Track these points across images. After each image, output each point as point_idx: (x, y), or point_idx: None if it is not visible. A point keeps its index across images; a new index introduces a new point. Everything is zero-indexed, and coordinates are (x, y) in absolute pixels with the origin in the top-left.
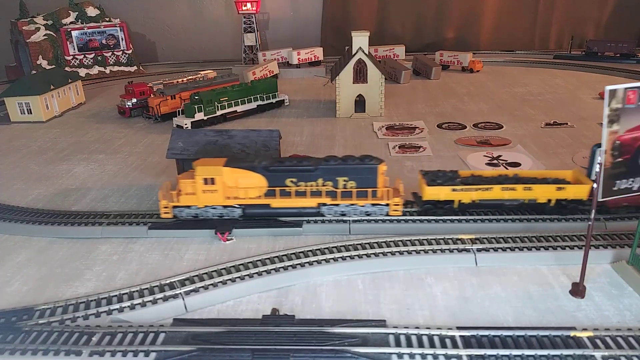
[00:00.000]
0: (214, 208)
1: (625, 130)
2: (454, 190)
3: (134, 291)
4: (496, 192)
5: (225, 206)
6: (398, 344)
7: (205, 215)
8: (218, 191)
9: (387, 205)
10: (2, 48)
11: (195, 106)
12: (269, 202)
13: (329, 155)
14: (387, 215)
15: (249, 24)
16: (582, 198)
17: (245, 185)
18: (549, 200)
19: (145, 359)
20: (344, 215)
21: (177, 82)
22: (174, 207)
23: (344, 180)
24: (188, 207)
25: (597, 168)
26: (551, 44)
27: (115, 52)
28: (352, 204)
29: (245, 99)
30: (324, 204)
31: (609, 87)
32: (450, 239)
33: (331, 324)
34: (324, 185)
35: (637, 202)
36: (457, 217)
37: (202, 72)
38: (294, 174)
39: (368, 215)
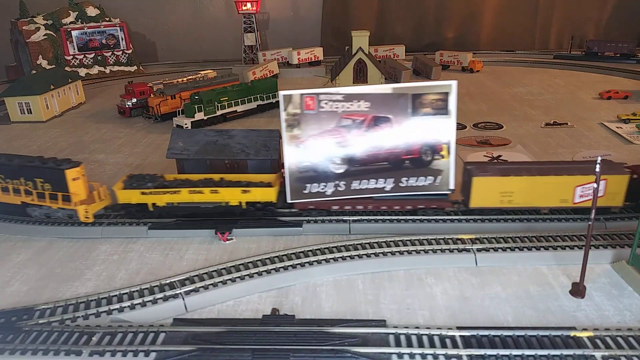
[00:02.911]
0: None
1: (308, 135)
2: (143, 193)
3: (134, 291)
4: (185, 195)
5: None
6: (398, 344)
7: None
8: None
9: (76, 210)
10: (2, 48)
11: (195, 106)
12: None
13: (40, 156)
14: (80, 220)
15: (249, 24)
16: (272, 200)
17: None
18: (240, 203)
19: (145, 358)
20: (48, 216)
21: (177, 82)
22: None
23: (40, 182)
24: None
25: (597, 168)
26: (551, 44)
27: (115, 52)
28: (49, 206)
29: (245, 98)
30: (27, 204)
31: (282, 92)
32: (451, 238)
33: (331, 324)
34: (25, 185)
35: (325, 206)
36: (457, 217)
37: (202, 72)
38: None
39: (71, 217)
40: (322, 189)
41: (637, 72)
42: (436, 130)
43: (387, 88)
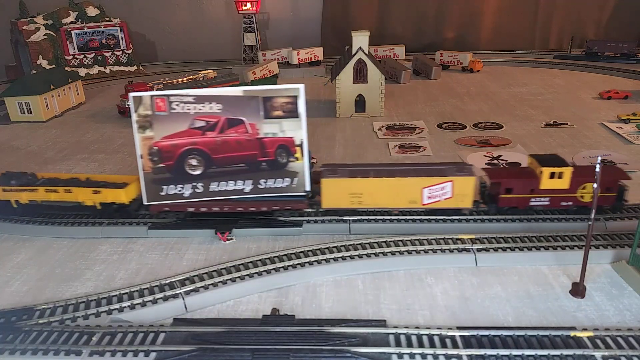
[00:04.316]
0: None
1: (161, 137)
2: (4, 190)
3: (133, 291)
4: (41, 194)
5: None
6: (398, 344)
7: None
8: None
9: None
10: (2, 48)
11: None
12: None
13: None
14: None
15: (249, 24)
16: (124, 202)
17: None
18: (95, 203)
19: (145, 359)
20: None
21: (177, 81)
22: None
23: None
24: None
25: (598, 168)
26: (551, 44)
27: (115, 52)
28: None
29: None
30: None
31: (132, 94)
32: (451, 238)
33: (331, 324)
34: None
35: (181, 208)
36: (458, 217)
37: (202, 72)
38: None
39: None
40: (180, 190)
41: (637, 72)
42: (289, 132)
43: (237, 91)
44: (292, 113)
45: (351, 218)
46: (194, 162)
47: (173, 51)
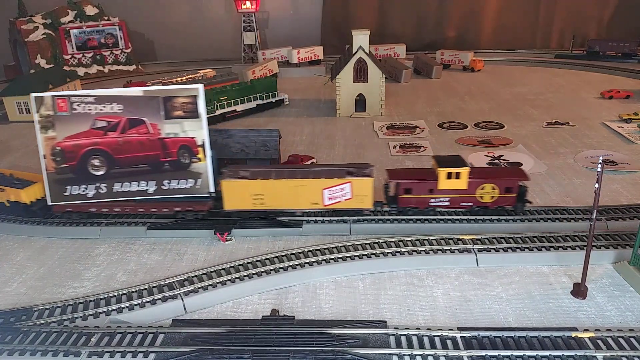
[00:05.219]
0: None
1: (64, 137)
2: None
3: (132, 292)
4: None
5: None
6: (399, 345)
7: None
8: None
9: None
10: (1, 47)
11: None
12: None
13: None
14: None
15: (249, 23)
16: (24, 202)
17: None
18: (4, 201)
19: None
20: None
21: (176, 81)
22: None
23: None
24: None
25: (599, 168)
26: (552, 43)
27: (114, 51)
28: None
29: (245, 98)
30: None
31: (33, 95)
32: (452, 239)
33: (331, 325)
34: None
35: (83, 209)
36: (459, 217)
37: (201, 71)
38: None
39: None
40: (83, 191)
41: (638, 71)
42: (190, 132)
43: (137, 91)
44: (193, 113)
45: (351, 218)
46: (96, 162)
47: (172, 50)
